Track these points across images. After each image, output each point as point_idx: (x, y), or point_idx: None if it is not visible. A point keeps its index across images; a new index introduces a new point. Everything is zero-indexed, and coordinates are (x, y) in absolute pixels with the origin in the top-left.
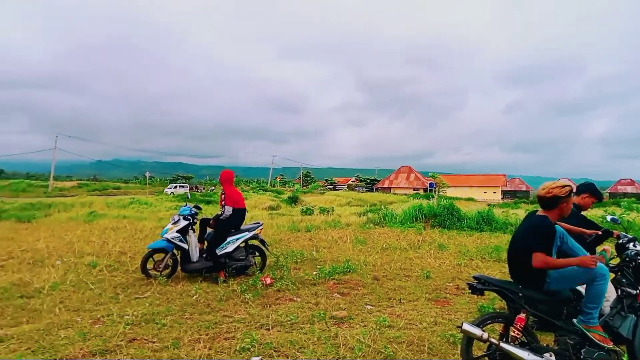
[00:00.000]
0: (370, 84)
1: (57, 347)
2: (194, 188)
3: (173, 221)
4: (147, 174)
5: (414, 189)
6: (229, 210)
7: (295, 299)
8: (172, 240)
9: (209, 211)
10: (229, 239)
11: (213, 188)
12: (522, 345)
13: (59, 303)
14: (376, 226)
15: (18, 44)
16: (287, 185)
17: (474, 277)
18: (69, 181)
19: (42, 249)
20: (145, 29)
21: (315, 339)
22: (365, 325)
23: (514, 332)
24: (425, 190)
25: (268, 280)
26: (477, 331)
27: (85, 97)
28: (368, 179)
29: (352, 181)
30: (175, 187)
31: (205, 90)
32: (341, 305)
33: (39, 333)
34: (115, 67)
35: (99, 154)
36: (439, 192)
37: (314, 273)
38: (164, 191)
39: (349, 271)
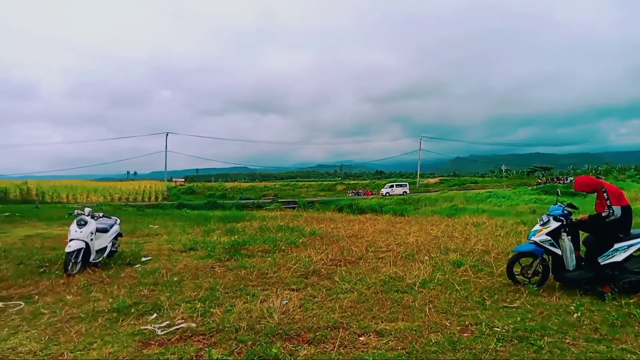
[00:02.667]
0: None
1: (428, 353)
2: (555, 179)
3: (542, 222)
4: (503, 167)
5: None
6: (617, 211)
7: None
8: (541, 243)
9: (581, 207)
10: (616, 246)
11: (572, 178)
12: None
13: (429, 302)
14: None
15: (394, 65)
16: None
17: None
18: (432, 178)
19: (412, 243)
20: (495, 21)
21: None
22: None
23: None
24: None
25: None
26: None
27: (445, 100)
28: None
29: None
30: (392, 186)
31: (565, 72)
32: None
33: (412, 333)
34: (471, 68)
35: (457, 151)
36: None
37: None
38: (381, 192)
39: None
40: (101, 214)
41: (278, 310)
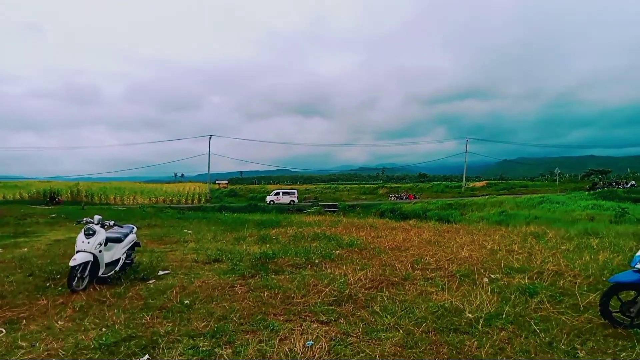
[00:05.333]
0: None
1: None
2: (613, 184)
3: None
4: (557, 171)
5: None
6: None
7: None
8: None
9: (638, 212)
10: None
11: (634, 183)
12: None
13: (499, 350)
14: None
15: (441, 66)
16: None
17: None
18: (478, 181)
19: (466, 259)
20: (549, 18)
21: None
22: None
23: None
24: None
25: None
26: None
27: (495, 101)
28: None
29: None
30: (278, 193)
31: (628, 68)
32: None
33: None
34: (525, 68)
35: (504, 154)
36: None
37: None
38: (266, 199)
39: None
40: (112, 222)
41: (300, 356)
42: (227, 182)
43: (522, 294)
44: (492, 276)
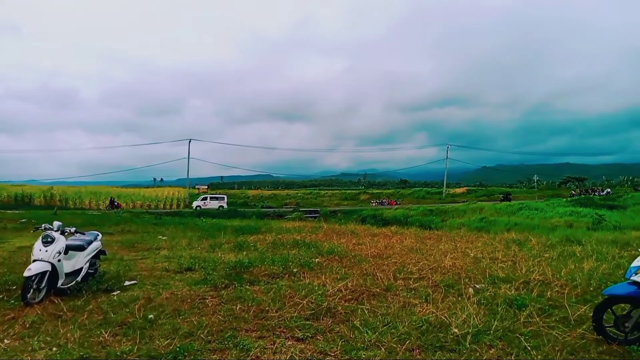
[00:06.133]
0: None
1: None
2: (590, 191)
3: None
4: (535, 178)
5: None
6: None
7: None
8: None
9: (614, 219)
10: None
11: (609, 190)
12: None
13: None
14: None
15: (424, 73)
16: None
17: None
18: (458, 188)
19: (450, 268)
20: (537, 26)
21: None
22: None
23: None
24: None
25: None
26: None
27: (475, 109)
28: None
29: None
30: (205, 198)
31: (603, 77)
32: None
33: None
34: (505, 74)
35: (483, 160)
36: None
37: None
38: (192, 204)
39: None
40: (73, 229)
41: None
42: (207, 187)
43: (509, 307)
44: (477, 286)
